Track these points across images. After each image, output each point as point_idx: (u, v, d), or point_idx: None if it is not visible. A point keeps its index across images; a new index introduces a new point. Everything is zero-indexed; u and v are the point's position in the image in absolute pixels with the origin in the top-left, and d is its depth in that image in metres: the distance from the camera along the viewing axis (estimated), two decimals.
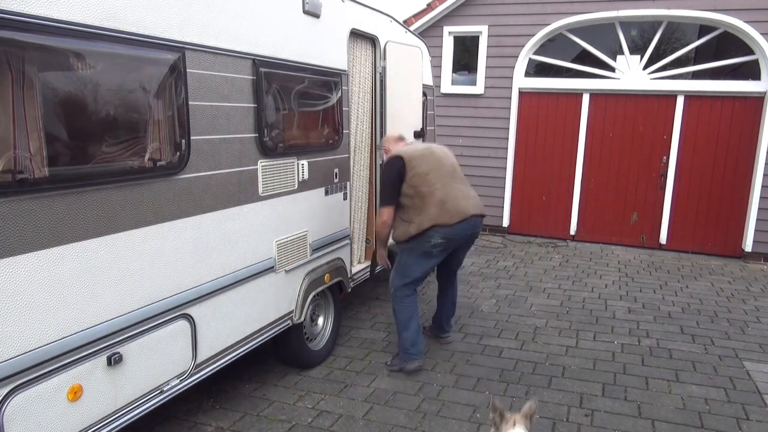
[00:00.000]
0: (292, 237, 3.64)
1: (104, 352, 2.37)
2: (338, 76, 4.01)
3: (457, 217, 3.85)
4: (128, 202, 2.44)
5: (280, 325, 3.62)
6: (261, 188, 3.31)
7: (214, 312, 3.01)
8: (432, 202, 3.81)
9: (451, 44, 8.40)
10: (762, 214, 7.17)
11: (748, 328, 5.02)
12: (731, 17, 7.02)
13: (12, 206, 1.98)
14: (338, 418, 3.42)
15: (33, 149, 2.02)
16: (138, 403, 2.58)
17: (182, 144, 2.69)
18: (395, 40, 4.88)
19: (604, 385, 3.90)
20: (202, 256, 2.89)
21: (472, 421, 3.42)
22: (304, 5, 3.56)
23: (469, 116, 8.37)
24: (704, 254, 7.63)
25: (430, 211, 3.80)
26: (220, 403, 3.56)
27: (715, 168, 7.49)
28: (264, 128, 3.26)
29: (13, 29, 1.93)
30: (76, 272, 2.23)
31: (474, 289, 5.95)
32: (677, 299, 5.77)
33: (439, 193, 3.83)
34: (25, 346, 2.06)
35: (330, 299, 4.31)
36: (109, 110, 2.31)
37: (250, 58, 3.13)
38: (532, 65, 8.20)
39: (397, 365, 4.04)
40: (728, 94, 7.30)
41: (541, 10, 7.79)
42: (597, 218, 8.13)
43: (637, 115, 7.74)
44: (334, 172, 4.08)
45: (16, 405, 2.04)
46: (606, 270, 6.81)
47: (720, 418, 3.49)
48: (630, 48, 7.66)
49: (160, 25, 2.52)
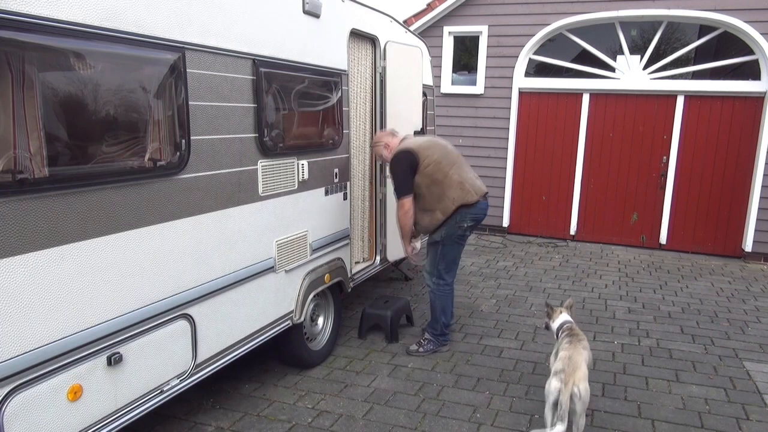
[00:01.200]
0: (292, 237, 3.64)
1: (104, 352, 2.37)
2: (338, 76, 4.01)
3: (477, 195, 4.06)
4: (128, 202, 2.44)
5: (280, 325, 3.62)
6: (261, 188, 3.31)
7: (214, 312, 3.01)
8: (451, 185, 3.97)
9: (451, 44, 8.41)
10: (762, 214, 7.17)
11: (748, 328, 5.02)
12: (731, 17, 7.02)
13: (12, 206, 1.97)
14: (338, 418, 3.42)
15: (33, 149, 2.02)
16: (138, 403, 2.58)
17: (182, 144, 2.69)
18: (395, 40, 4.88)
19: (604, 385, 3.90)
20: (202, 256, 2.89)
21: (472, 421, 3.42)
22: (304, 5, 3.56)
23: (469, 116, 8.37)
24: (704, 254, 7.63)
25: (452, 194, 3.97)
26: (220, 403, 3.56)
27: (715, 168, 7.49)
28: (264, 128, 3.26)
29: (13, 29, 1.93)
30: (76, 272, 2.23)
31: (474, 289, 5.95)
32: (677, 299, 5.77)
33: (456, 176, 4.01)
34: (25, 346, 2.06)
35: (330, 299, 4.31)
36: (109, 110, 2.31)
37: (250, 58, 3.13)
38: (532, 65, 8.20)
39: (430, 348, 4.30)
40: (728, 94, 7.30)
41: (541, 10, 7.80)
42: (597, 218, 8.13)
43: (637, 115, 7.74)
44: (334, 172, 4.08)
45: (16, 405, 2.04)
46: (606, 270, 6.81)
47: (720, 418, 3.49)
48: (630, 48, 7.66)
49: (160, 25, 2.52)
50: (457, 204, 3.97)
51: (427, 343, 4.33)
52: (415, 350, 4.31)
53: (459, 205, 3.98)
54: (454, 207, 3.97)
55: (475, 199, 4.04)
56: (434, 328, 4.34)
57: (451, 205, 3.97)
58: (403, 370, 4.08)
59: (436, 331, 4.33)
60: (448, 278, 4.24)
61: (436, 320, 4.32)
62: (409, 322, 4.89)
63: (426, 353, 4.29)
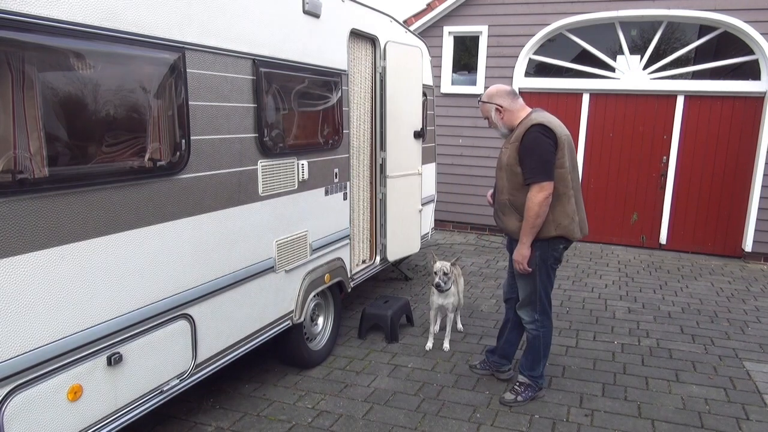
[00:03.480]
0: (292, 237, 3.64)
1: (104, 352, 2.37)
2: (338, 76, 4.01)
3: (581, 235, 3.40)
4: (128, 202, 2.44)
5: (280, 325, 3.62)
6: (261, 188, 3.31)
7: (214, 312, 3.01)
8: (564, 210, 3.28)
9: (451, 44, 8.40)
10: (762, 214, 7.17)
11: (748, 328, 5.02)
12: (731, 17, 7.02)
13: (12, 206, 1.97)
14: (338, 418, 3.42)
15: (33, 149, 2.02)
16: (138, 403, 2.58)
17: (182, 144, 2.69)
18: (395, 40, 4.88)
19: (604, 385, 3.90)
20: (202, 256, 2.89)
21: (472, 421, 3.42)
22: (304, 5, 3.56)
23: (469, 116, 8.36)
24: (704, 254, 7.63)
25: (561, 220, 3.28)
26: (220, 403, 3.56)
27: (715, 168, 7.49)
28: (264, 128, 3.26)
29: (13, 29, 1.93)
30: (76, 272, 2.23)
31: (474, 289, 5.95)
32: (677, 299, 5.77)
33: (573, 201, 3.31)
34: (25, 346, 2.06)
35: (330, 299, 4.31)
36: (109, 110, 2.31)
37: (250, 58, 3.13)
38: (532, 65, 8.20)
39: (530, 396, 3.61)
40: (728, 94, 7.30)
41: (540, 10, 7.80)
42: (597, 218, 8.12)
43: (637, 115, 7.74)
44: (334, 172, 4.08)
45: (16, 405, 2.04)
46: (606, 270, 6.81)
47: (720, 418, 3.49)
48: (630, 48, 7.66)
49: (160, 25, 2.52)
50: (559, 233, 3.29)
51: (526, 390, 3.62)
52: (513, 400, 3.59)
53: (561, 235, 3.30)
54: (555, 234, 3.29)
55: (579, 237, 3.38)
56: (532, 370, 3.62)
57: (552, 229, 3.28)
58: (403, 370, 4.08)
59: (535, 373, 3.62)
60: (549, 310, 3.52)
61: (538, 361, 3.60)
62: (409, 322, 4.89)
63: (525, 402, 3.59)
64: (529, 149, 3.22)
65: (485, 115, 3.50)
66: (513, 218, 3.38)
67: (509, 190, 3.37)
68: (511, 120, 3.40)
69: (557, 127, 3.28)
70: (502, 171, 3.41)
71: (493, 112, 3.41)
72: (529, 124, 3.25)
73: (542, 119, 3.27)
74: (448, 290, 4.27)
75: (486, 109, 3.46)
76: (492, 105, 3.41)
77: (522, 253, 3.32)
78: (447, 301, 4.30)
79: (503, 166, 3.39)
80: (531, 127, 3.23)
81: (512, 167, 3.31)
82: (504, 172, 3.38)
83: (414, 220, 5.41)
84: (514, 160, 3.29)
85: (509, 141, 3.36)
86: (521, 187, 3.30)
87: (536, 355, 3.59)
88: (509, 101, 3.39)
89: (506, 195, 3.39)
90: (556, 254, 3.39)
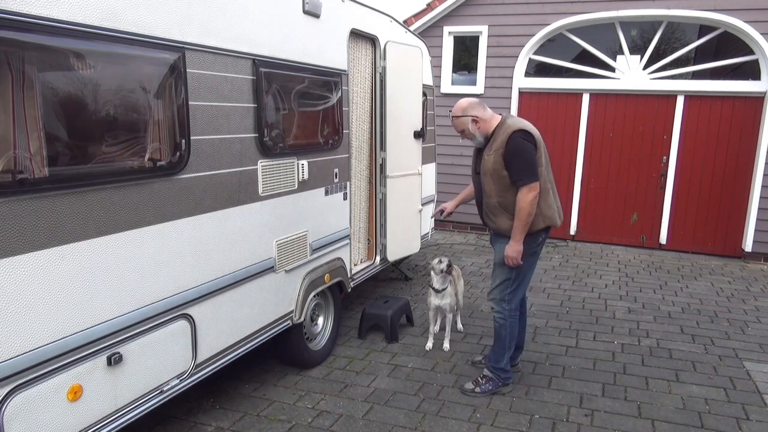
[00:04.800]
0: (292, 237, 3.64)
1: (104, 352, 2.37)
2: (338, 76, 4.01)
3: (560, 221, 3.64)
4: (128, 202, 2.44)
5: (280, 325, 3.62)
6: (261, 188, 3.31)
7: (214, 312, 3.01)
8: (547, 203, 3.51)
9: (451, 44, 8.40)
10: (762, 214, 7.17)
11: (748, 328, 5.02)
12: (731, 17, 7.02)
13: (12, 206, 1.97)
14: (338, 418, 3.42)
15: (33, 149, 2.02)
16: (138, 403, 2.58)
17: (182, 144, 2.69)
18: (395, 40, 4.88)
19: (604, 385, 3.90)
20: (202, 256, 2.89)
21: (472, 421, 3.42)
22: (304, 5, 3.56)
23: None
24: (704, 254, 7.63)
25: (546, 212, 3.50)
26: (220, 403, 3.56)
27: (715, 168, 7.49)
28: (264, 128, 3.26)
29: (13, 29, 1.93)
30: (76, 272, 2.23)
31: (474, 289, 5.95)
32: (677, 299, 5.77)
33: (551, 193, 3.57)
34: (25, 346, 2.06)
35: (330, 299, 4.31)
36: (109, 110, 2.31)
37: (250, 58, 3.13)
38: (532, 65, 8.20)
39: (490, 389, 3.72)
40: (728, 94, 7.30)
41: (540, 10, 7.80)
42: (597, 218, 8.13)
43: (637, 115, 7.74)
44: (334, 172, 4.08)
45: (16, 405, 2.04)
46: (606, 270, 6.81)
47: (720, 418, 3.49)
48: (630, 48, 7.66)
49: (160, 25, 2.52)
50: (546, 223, 3.51)
51: (487, 382, 3.74)
52: (471, 389, 3.73)
53: (547, 225, 3.52)
54: (543, 226, 3.50)
55: (559, 224, 3.61)
56: (497, 362, 3.72)
57: (541, 221, 3.47)
58: (403, 370, 4.08)
59: (499, 365, 3.72)
60: (517, 302, 3.65)
61: (503, 353, 3.70)
62: (409, 322, 4.89)
63: (484, 394, 3.70)
64: (514, 154, 3.38)
65: (460, 129, 3.61)
66: (504, 218, 3.52)
67: (498, 193, 3.49)
68: (486, 128, 3.53)
69: (534, 131, 3.47)
70: (487, 177, 3.53)
71: (470, 124, 3.54)
72: (510, 130, 3.40)
73: (520, 125, 3.44)
74: (444, 290, 4.25)
75: (462, 123, 3.57)
76: (468, 117, 3.54)
77: (517, 249, 3.45)
78: (444, 302, 4.29)
79: (488, 172, 3.50)
80: (513, 134, 3.38)
81: (498, 172, 3.44)
82: (489, 177, 3.51)
83: (414, 220, 5.41)
84: (500, 165, 3.42)
85: (491, 148, 3.48)
86: (509, 188, 3.44)
87: (501, 345, 3.70)
88: (482, 111, 3.54)
89: (495, 198, 3.52)
90: (536, 242, 3.57)
